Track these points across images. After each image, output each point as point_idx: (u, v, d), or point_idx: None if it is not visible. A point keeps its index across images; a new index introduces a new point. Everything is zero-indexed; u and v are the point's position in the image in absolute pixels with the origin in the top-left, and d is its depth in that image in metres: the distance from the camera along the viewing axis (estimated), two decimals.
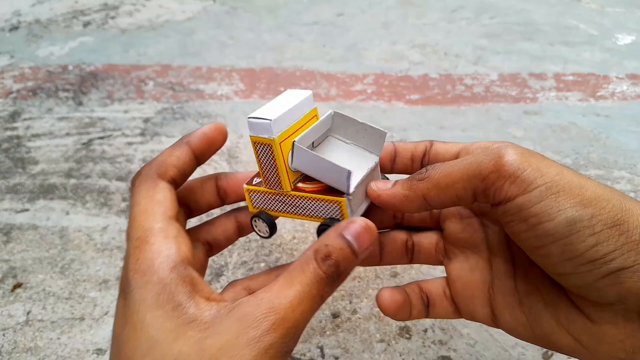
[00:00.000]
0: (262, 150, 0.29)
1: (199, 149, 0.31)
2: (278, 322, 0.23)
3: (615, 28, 0.93)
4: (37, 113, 0.74)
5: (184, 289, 0.24)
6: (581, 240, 0.23)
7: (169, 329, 0.23)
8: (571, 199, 0.23)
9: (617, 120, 0.70)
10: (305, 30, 0.95)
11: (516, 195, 0.24)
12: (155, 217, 0.27)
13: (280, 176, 0.29)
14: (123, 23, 1.00)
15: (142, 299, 0.24)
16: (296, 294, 0.24)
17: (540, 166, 0.24)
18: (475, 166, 0.25)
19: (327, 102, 0.75)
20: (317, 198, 0.30)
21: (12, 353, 0.43)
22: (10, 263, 0.51)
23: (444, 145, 0.32)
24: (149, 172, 0.29)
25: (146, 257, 0.25)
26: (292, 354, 0.42)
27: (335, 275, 0.25)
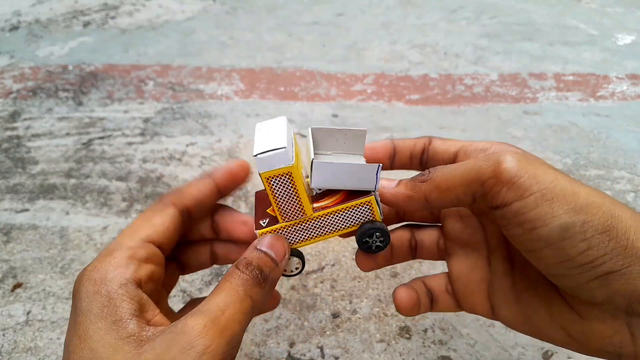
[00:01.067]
0: (279, 183, 0.28)
1: (222, 183, 0.33)
2: (208, 325, 0.24)
3: (615, 28, 0.93)
4: (37, 113, 0.74)
5: (129, 306, 0.25)
6: (573, 245, 0.24)
7: (109, 343, 0.24)
8: (565, 205, 0.24)
9: (617, 120, 0.70)
10: (305, 30, 0.95)
11: (513, 200, 0.25)
12: (134, 236, 0.28)
13: (302, 202, 0.29)
14: (123, 23, 1.00)
15: (89, 309, 0.25)
16: (223, 298, 0.25)
17: (536, 173, 0.25)
18: (475, 171, 0.26)
19: (327, 102, 0.75)
20: (344, 208, 0.29)
21: (12, 353, 0.43)
22: (10, 263, 0.51)
23: (443, 144, 0.33)
24: (165, 197, 0.31)
25: (102, 268, 0.26)
26: (292, 354, 0.42)
27: (261, 277, 0.27)
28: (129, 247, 0.28)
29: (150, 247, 0.29)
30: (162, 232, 0.30)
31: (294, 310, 0.46)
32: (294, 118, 0.72)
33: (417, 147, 0.34)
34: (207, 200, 0.32)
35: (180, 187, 0.32)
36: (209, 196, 0.32)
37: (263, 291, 0.27)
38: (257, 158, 0.27)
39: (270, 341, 0.43)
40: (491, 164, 0.26)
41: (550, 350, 0.42)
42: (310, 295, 0.47)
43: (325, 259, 0.50)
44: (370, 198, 0.29)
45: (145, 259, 0.28)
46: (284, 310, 0.46)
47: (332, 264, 0.50)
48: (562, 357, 0.41)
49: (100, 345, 0.24)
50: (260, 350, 0.43)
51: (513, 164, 0.25)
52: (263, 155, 0.27)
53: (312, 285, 0.48)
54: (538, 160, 0.27)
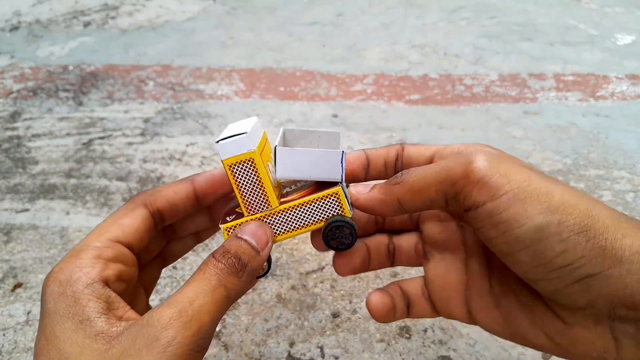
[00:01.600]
0: (241, 170, 0.27)
1: (202, 190, 0.31)
2: (174, 316, 0.23)
3: (615, 28, 0.93)
4: (37, 113, 0.74)
5: (96, 305, 0.24)
6: (550, 246, 0.23)
7: (76, 342, 0.23)
8: (539, 205, 0.23)
9: (617, 120, 0.70)
10: (305, 30, 0.95)
11: (485, 201, 0.25)
12: (101, 236, 0.28)
13: (266, 192, 0.28)
14: (123, 23, 1.00)
15: (55, 310, 0.24)
16: (193, 288, 0.25)
17: (508, 172, 0.24)
18: (446, 171, 0.26)
19: (327, 102, 0.75)
20: (311, 200, 0.29)
21: (12, 353, 0.43)
22: (10, 263, 0.51)
23: (417, 149, 0.32)
24: (137, 198, 0.30)
25: (68, 269, 0.26)
26: (292, 353, 0.42)
27: (238, 265, 0.26)
28: (95, 247, 0.27)
29: (118, 247, 0.28)
30: (130, 232, 0.29)
31: (294, 310, 0.46)
32: (294, 118, 0.72)
33: (390, 155, 0.32)
34: (182, 205, 0.31)
35: (156, 188, 0.31)
36: (185, 201, 0.31)
37: (240, 280, 0.26)
38: (218, 144, 0.27)
39: (270, 341, 0.43)
40: (462, 164, 0.25)
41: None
42: (310, 295, 0.47)
43: (325, 259, 0.50)
44: (337, 189, 0.28)
45: (112, 259, 0.27)
46: (284, 310, 0.46)
47: (332, 264, 0.50)
48: None
49: (67, 344, 0.23)
50: (260, 350, 0.43)
51: (483, 163, 0.25)
52: (224, 142, 0.27)
53: (312, 285, 0.48)
54: (511, 159, 0.26)
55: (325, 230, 0.29)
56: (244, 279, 0.26)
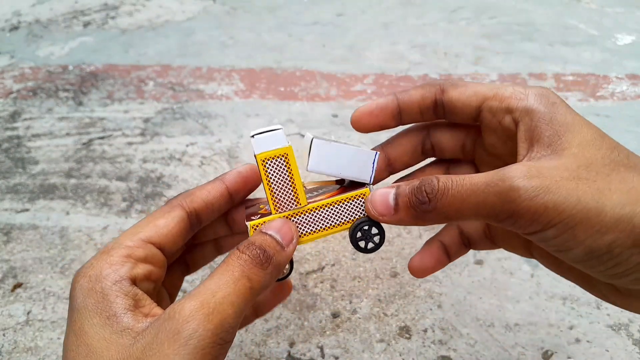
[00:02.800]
0: (274, 166, 0.27)
1: (234, 187, 0.32)
2: (196, 308, 0.23)
3: (615, 28, 0.93)
4: (37, 113, 0.74)
5: (123, 302, 0.25)
6: (601, 263, 0.23)
7: (103, 337, 0.24)
8: (589, 229, 0.23)
9: (617, 120, 0.70)
10: (305, 30, 0.95)
11: (534, 232, 0.24)
12: (134, 236, 0.28)
13: (297, 189, 0.28)
14: (123, 23, 1.00)
15: (84, 305, 0.25)
16: (216, 280, 0.24)
17: (557, 202, 0.23)
18: (488, 210, 0.24)
19: (327, 102, 0.75)
20: (339, 200, 0.28)
21: (12, 353, 0.43)
22: (10, 263, 0.51)
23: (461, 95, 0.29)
24: (174, 200, 0.30)
25: (98, 266, 0.26)
26: (292, 353, 0.42)
27: (263, 257, 0.25)
28: (127, 246, 0.27)
29: (150, 248, 0.28)
30: (164, 234, 0.29)
31: (294, 310, 0.46)
32: (294, 118, 0.72)
33: (426, 101, 0.30)
34: (217, 203, 0.31)
35: (190, 190, 0.31)
36: (219, 199, 0.31)
37: (264, 272, 0.25)
38: (254, 138, 0.27)
39: (270, 341, 0.43)
40: (505, 202, 0.23)
41: (550, 350, 0.42)
42: (310, 295, 0.47)
43: (325, 259, 0.50)
44: (365, 190, 0.29)
45: (143, 259, 0.27)
46: (284, 310, 0.46)
47: (332, 264, 0.50)
48: (562, 357, 0.41)
49: (95, 340, 0.24)
50: (260, 350, 0.43)
51: (531, 202, 0.23)
52: (260, 136, 0.27)
53: (312, 285, 0.48)
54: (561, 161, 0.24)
55: (354, 231, 0.29)
56: (269, 271, 0.26)
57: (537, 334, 0.43)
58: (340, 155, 0.28)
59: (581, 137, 0.25)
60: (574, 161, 0.24)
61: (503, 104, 0.28)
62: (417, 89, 0.31)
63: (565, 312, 0.45)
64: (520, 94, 0.27)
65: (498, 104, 0.28)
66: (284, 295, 0.36)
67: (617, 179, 0.24)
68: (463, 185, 0.25)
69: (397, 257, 0.50)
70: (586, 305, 0.45)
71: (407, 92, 0.31)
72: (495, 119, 0.29)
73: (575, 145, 0.25)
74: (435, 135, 0.33)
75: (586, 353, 0.42)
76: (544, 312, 0.45)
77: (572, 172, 0.24)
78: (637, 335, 0.43)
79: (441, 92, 0.30)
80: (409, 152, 0.33)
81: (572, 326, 0.44)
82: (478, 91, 0.29)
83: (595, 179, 0.23)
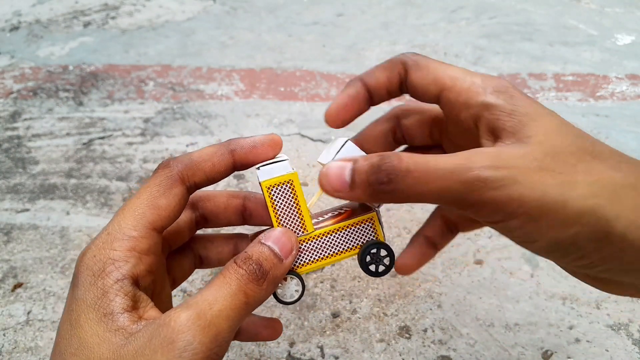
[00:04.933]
0: (279, 192, 0.27)
1: (242, 161, 0.29)
2: (192, 319, 0.23)
3: (615, 28, 0.93)
4: (37, 113, 0.74)
5: (121, 301, 0.24)
6: (566, 254, 0.24)
7: (97, 334, 0.24)
8: (553, 222, 0.22)
9: (617, 120, 0.70)
10: (305, 30, 0.95)
11: (497, 221, 0.24)
12: (138, 222, 0.26)
13: (303, 215, 0.28)
14: (123, 23, 1.00)
15: (83, 298, 0.24)
16: (213, 292, 0.24)
17: (522, 193, 0.22)
18: (451, 197, 0.23)
19: (327, 102, 0.75)
20: (346, 226, 0.28)
21: (12, 353, 0.43)
22: (10, 263, 0.51)
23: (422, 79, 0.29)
24: (173, 170, 0.28)
25: (101, 260, 0.25)
26: (292, 353, 0.42)
27: (259, 273, 0.25)
28: (132, 236, 0.26)
29: (153, 236, 0.27)
30: (166, 216, 0.27)
31: (294, 310, 0.46)
32: (294, 118, 0.72)
33: (392, 82, 0.30)
34: (219, 177, 0.29)
35: (191, 158, 0.28)
36: (222, 174, 0.29)
37: (260, 288, 0.25)
38: (260, 170, 0.27)
39: (270, 341, 0.43)
40: (470, 191, 0.23)
41: (550, 350, 0.42)
42: (310, 295, 0.47)
43: None
44: (372, 215, 0.29)
45: (146, 251, 0.26)
46: (284, 310, 0.46)
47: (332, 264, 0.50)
48: (562, 357, 0.41)
49: (88, 335, 0.24)
50: (260, 350, 0.43)
51: (496, 192, 0.22)
52: (265, 167, 0.27)
53: (312, 285, 0.48)
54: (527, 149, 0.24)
55: (364, 255, 0.29)
56: (264, 287, 0.25)
57: (537, 333, 0.43)
58: None
59: (546, 125, 0.24)
60: (541, 149, 0.23)
61: (460, 97, 0.27)
62: (381, 70, 0.30)
63: (565, 312, 0.45)
64: (478, 88, 0.27)
65: (455, 97, 0.27)
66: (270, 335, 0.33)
67: (583, 170, 0.23)
68: (428, 168, 0.24)
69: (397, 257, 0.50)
70: (586, 305, 0.45)
71: (372, 74, 0.30)
72: (453, 112, 0.28)
73: (541, 133, 0.24)
74: (404, 124, 0.33)
75: (586, 353, 0.42)
76: (544, 312, 0.45)
77: (539, 161, 0.23)
78: (637, 335, 0.43)
79: (404, 72, 0.29)
80: (382, 142, 0.33)
81: (571, 326, 0.44)
82: (438, 78, 0.28)
83: (561, 170, 0.23)
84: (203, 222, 0.33)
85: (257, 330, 0.33)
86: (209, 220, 0.33)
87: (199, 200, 0.32)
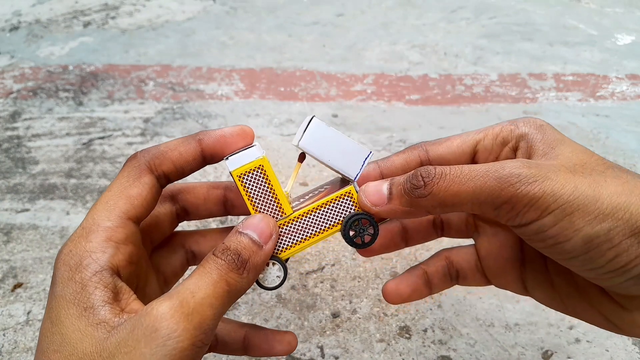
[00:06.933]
0: (251, 179, 0.27)
1: (210, 151, 0.29)
2: (175, 308, 0.23)
3: (615, 28, 0.93)
4: (37, 113, 0.74)
5: (102, 294, 0.24)
6: (600, 254, 0.23)
7: (79, 329, 0.23)
8: (586, 216, 0.23)
9: (617, 120, 0.70)
10: (305, 30, 0.95)
11: (531, 221, 0.24)
12: (111, 213, 0.26)
13: (279, 198, 0.28)
14: (123, 23, 1.00)
15: (62, 295, 0.24)
16: (194, 281, 0.24)
17: (554, 188, 0.23)
18: (487, 194, 0.24)
19: (327, 102, 0.75)
20: (324, 203, 0.28)
21: (12, 353, 0.43)
22: (10, 263, 0.51)
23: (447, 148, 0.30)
24: (140, 160, 0.28)
25: (78, 253, 0.25)
26: (292, 354, 0.42)
27: (239, 262, 0.25)
28: (106, 227, 0.26)
29: (129, 226, 0.27)
30: (139, 205, 0.27)
31: (294, 310, 0.46)
32: (294, 118, 0.72)
33: (411, 165, 0.30)
34: (188, 166, 0.29)
35: (159, 148, 0.28)
36: (191, 164, 0.29)
37: (241, 277, 0.25)
38: (228, 160, 0.27)
39: None
40: (504, 187, 0.24)
41: (550, 350, 0.42)
42: (310, 295, 0.47)
43: (325, 259, 0.50)
44: (350, 188, 0.28)
45: (123, 240, 0.26)
46: (284, 310, 0.46)
47: (332, 264, 0.50)
48: (562, 357, 0.41)
49: (70, 330, 0.23)
50: None
51: (529, 186, 0.23)
52: (232, 156, 0.27)
53: (312, 285, 0.48)
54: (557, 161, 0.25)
55: (346, 230, 0.28)
56: (245, 275, 0.25)
57: (537, 333, 0.43)
58: (335, 142, 0.28)
59: (572, 147, 0.26)
60: (569, 162, 0.25)
61: (497, 139, 0.29)
62: (398, 155, 0.31)
63: None
64: (510, 126, 0.29)
65: (492, 141, 0.29)
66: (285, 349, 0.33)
67: (611, 175, 0.24)
68: (462, 170, 0.25)
69: (397, 257, 0.50)
70: None
71: (389, 159, 0.31)
72: (492, 156, 0.29)
73: (569, 152, 0.26)
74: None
75: (586, 353, 0.42)
76: (544, 312, 0.45)
77: (568, 167, 0.24)
78: None
79: (425, 152, 0.30)
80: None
81: (572, 326, 0.44)
82: (465, 139, 0.30)
83: (590, 174, 0.24)
84: (184, 214, 0.32)
85: (271, 344, 0.32)
86: (189, 213, 0.32)
87: (178, 193, 0.32)
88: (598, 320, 0.28)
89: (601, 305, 0.27)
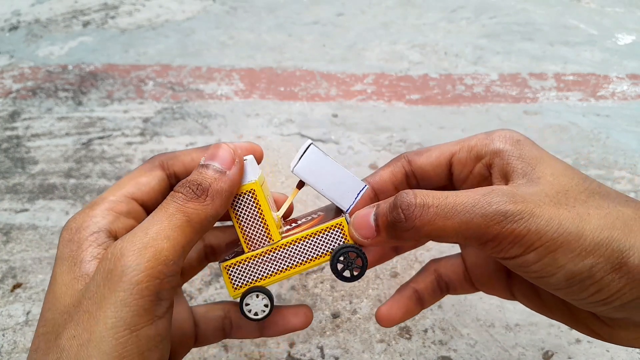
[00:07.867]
0: (242, 203, 0.27)
1: None
2: (127, 246, 0.23)
3: (615, 28, 0.93)
4: (36, 113, 0.74)
5: (93, 250, 0.25)
6: (583, 289, 0.23)
7: (64, 283, 0.24)
8: (569, 253, 0.23)
9: (617, 120, 0.70)
10: (305, 30, 0.95)
11: (514, 256, 0.24)
12: (118, 192, 0.28)
13: (268, 225, 0.27)
14: (123, 23, 1.00)
15: (61, 255, 0.25)
16: (149, 219, 0.24)
17: (539, 226, 0.23)
18: (472, 231, 0.24)
19: (327, 102, 0.75)
20: (314, 233, 0.27)
21: (11, 353, 0.43)
22: (10, 263, 0.51)
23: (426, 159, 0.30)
24: (155, 159, 0.30)
25: (80, 218, 0.26)
26: (292, 354, 0.42)
27: (198, 191, 0.25)
28: (110, 200, 0.27)
29: (132, 204, 0.28)
30: (146, 191, 0.29)
31: None
32: (294, 118, 0.71)
33: (398, 178, 0.31)
34: None
35: (174, 152, 0.31)
36: None
37: (203, 204, 0.25)
38: None
39: (270, 341, 0.43)
40: (491, 224, 0.23)
41: (551, 351, 0.42)
42: (310, 295, 0.47)
43: None
44: (341, 220, 0.28)
45: (125, 213, 0.27)
46: None
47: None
48: (563, 358, 0.41)
49: (58, 286, 0.24)
50: (260, 350, 0.43)
51: (515, 224, 0.23)
52: None
53: (312, 285, 0.48)
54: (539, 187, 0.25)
55: (334, 262, 0.28)
56: (209, 202, 0.25)
57: (538, 334, 0.43)
58: (331, 172, 0.28)
59: (553, 167, 0.26)
60: (551, 188, 0.25)
61: (471, 152, 0.29)
62: (384, 169, 0.31)
63: None
64: (485, 139, 0.28)
65: (467, 154, 0.29)
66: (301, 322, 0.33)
67: (594, 205, 0.24)
68: (447, 203, 0.24)
69: (397, 257, 0.50)
70: None
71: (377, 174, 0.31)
72: (466, 169, 0.29)
73: (549, 174, 0.25)
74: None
75: (587, 353, 0.42)
76: None
77: (551, 197, 0.24)
78: None
79: (408, 163, 0.31)
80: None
81: None
82: (443, 150, 0.30)
83: (574, 205, 0.24)
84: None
85: (287, 319, 0.32)
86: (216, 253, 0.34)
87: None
88: (585, 331, 0.28)
89: (587, 320, 0.27)
